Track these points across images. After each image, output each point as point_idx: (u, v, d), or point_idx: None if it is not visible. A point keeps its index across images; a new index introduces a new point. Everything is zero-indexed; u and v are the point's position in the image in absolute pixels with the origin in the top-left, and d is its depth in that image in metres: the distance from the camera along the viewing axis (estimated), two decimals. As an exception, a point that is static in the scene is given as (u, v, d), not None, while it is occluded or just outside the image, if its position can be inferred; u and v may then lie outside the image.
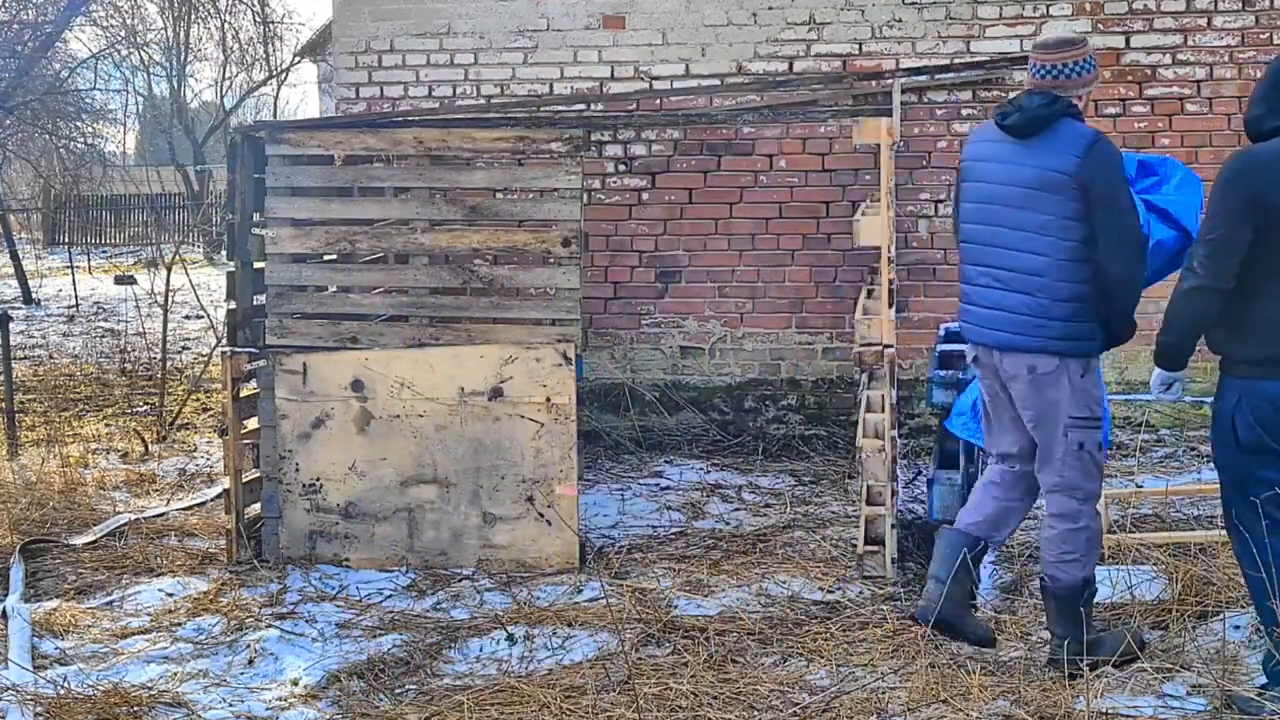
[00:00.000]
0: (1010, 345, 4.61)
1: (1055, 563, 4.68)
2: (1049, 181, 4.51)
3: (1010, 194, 4.59)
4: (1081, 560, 4.66)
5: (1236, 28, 8.22)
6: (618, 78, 8.63)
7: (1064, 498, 4.65)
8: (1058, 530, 4.68)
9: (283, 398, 6.16)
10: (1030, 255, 4.55)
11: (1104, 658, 4.54)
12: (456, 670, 4.99)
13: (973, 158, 4.78)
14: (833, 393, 8.52)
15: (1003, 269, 4.62)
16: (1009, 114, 4.60)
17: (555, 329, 6.25)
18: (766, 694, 4.58)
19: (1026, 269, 4.56)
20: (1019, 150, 4.58)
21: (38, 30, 17.68)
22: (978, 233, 4.72)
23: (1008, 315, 4.61)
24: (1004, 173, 4.61)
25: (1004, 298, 4.62)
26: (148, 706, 4.65)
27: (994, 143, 4.68)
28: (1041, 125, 4.53)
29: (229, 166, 6.64)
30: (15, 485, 7.38)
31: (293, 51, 30.47)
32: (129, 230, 32.19)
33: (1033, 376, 4.58)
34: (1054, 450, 4.62)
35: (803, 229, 8.54)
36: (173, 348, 12.35)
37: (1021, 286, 4.57)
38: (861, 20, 8.44)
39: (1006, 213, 4.60)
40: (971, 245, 4.76)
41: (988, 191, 4.67)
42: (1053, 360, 4.55)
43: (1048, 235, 4.52)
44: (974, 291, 4.74)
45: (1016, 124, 4.57)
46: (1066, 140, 4.50)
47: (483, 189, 6.73)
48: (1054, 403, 4.57)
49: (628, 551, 6.26)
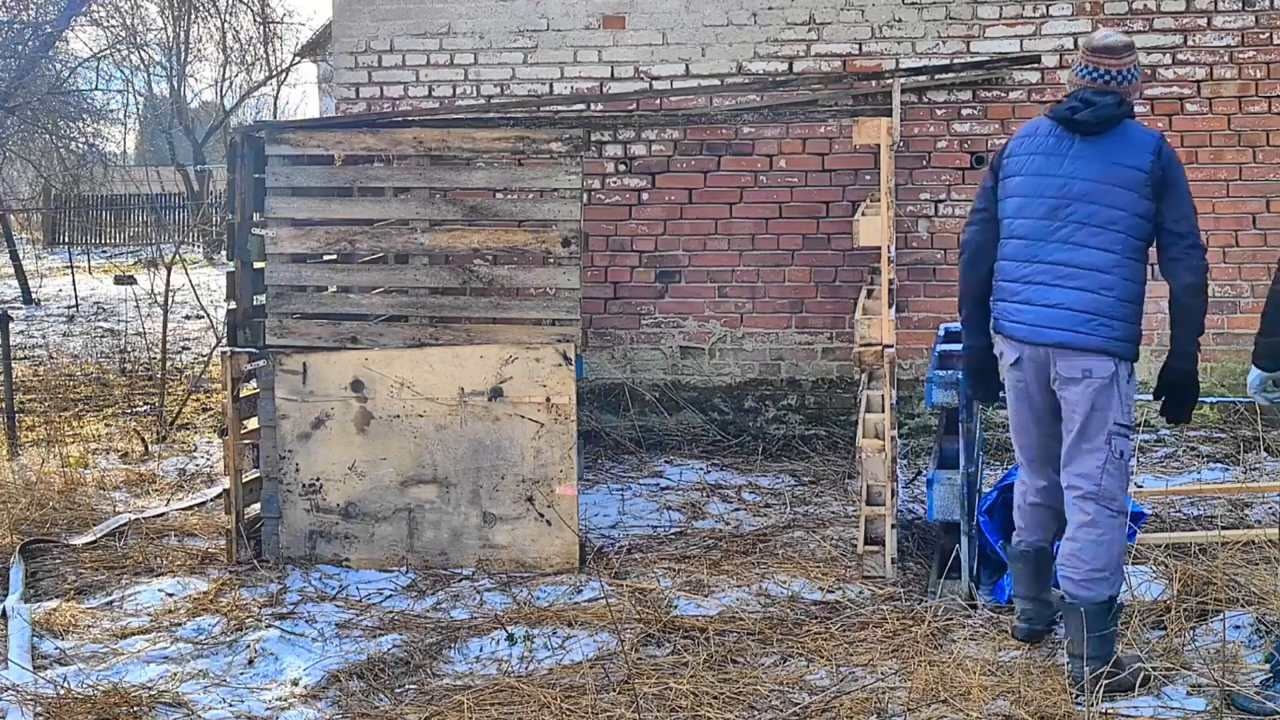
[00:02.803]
0: (1071, 344, 4.47)
1: (1085, 580, 4.51)
2: (1124, 177, 4.46)
3: (1078, 188, 4.50)
4: (1111, 577, 4.53)
5: (1236, 28, 8.22)
6: (618, 78, 8.63)
7: (1099, 507, 4.51)
8: (1088, 542, 4.51)
9: (283, 398, 6.16)
10: (1097, 251, 4.46)
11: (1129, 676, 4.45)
12: (456, 670, 4.99)
13: (1025, 151, 4.65)
14: (833, 393, 8.52)
15: (1066, 265, 4.50)
16: (1078, 109, 4.52)
17: (555, 329, 6.26)
18: (766, 694, 4.58)
19: (1093, 265, 4.46)
20: (1086, 146, 4.52)
21: (38, 30, 17.67)
22: (1034, 228, 4.58)
23: (1069, 313, 4.48)
24: (1070, 167, 4.53)
25: (1068, 295, 4.48)
26: (148, 706, 4.65)
27: (1054, 137, 4.59)
28: (1111, 124, 4.51)
29: (229, 166, 6.64)
30: (15, 485, 7.38)
31: (293, 51, 30.52)
32: (129, 230, 32.23)
33: (1088, 380, 4.47)
34: (1094, 457, 4.51)
35: (803, 229, 8.55)
36: (173, 348, 12.35)
37: (1086, 284, 4.47)
38: (861, 20, 8.44)
39: (1073, 207, 4.50)
40: (1023, 241, 4.60)
41: (1048, 185, 4.56)
42: (1109, 364, 4.46)
43: (1117, 230, 4.46)
44: (1025, 289, 4.58)
45: (1089, 120, 4.50)
46: (1137, 139, 4.50)
47: (483, 189, 6.74)
48: (1104, 409, 4.47)
49: (628, 551, 6.26)
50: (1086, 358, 4.46)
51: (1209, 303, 4.57)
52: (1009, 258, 4.64)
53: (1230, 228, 8.29)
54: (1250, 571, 5.33)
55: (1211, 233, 8.31)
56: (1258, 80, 8.24)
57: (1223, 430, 8.10)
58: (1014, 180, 4.65)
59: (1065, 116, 4.56)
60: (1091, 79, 4.56)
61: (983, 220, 4.77)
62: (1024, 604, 4.88)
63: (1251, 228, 8.30)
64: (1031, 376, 4.61)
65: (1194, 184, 8.24)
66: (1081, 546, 4.51)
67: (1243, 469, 7.32)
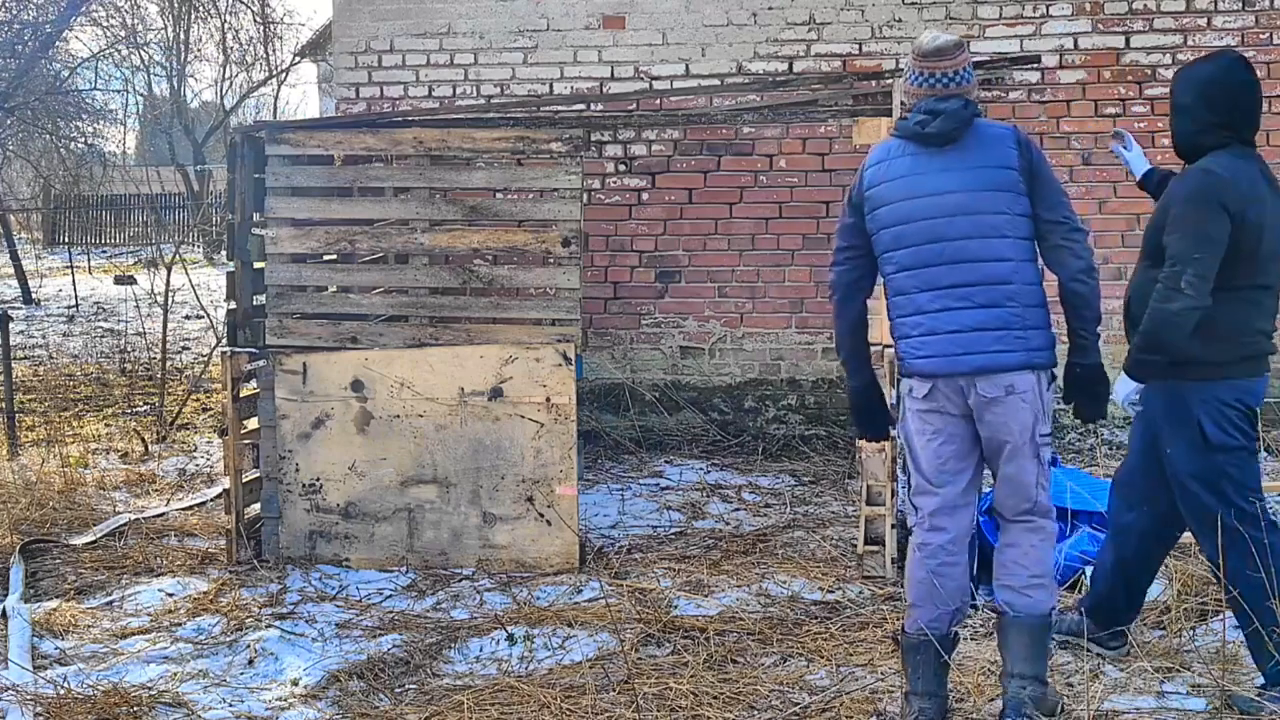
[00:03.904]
0: (992, 366, 4.14)
1: (1026, 587, 4.21)
2: (996, 179, 4.19)
3: (953, 201, 4.18)
4: (1049, 585, 4.25)
5: (1236, 28, 8.23)
6: (618, 78, 8.63)
7: (1040, 520, 4.25)
8: (1028, 547, 4.23)
9: (283, 398, 6.16)
10: (993, 263, 4.16)
11: (1051, 697, 4.24)
12: (456, 670, 4.99)
13: (884, 178, 4.29)
14: (833, 393, 8.52)
15: (966, 285, 4.17)
16: (926, 122, 4.22)
17: (555, 329, 6.26)
18: (766, 694, 4.58)
19: (991, 278, 4.16)
20: (946, 158, 4.22)
21: (38, 30, 17.68)
22: (917, 255, 4.22)
23: (984, 334, 4.15)
24: (937, 181, 4.21)
25: (975, 315, 4.16)
26: (148, 706, 4.65)
27: (909, 156, 4.27)
28: (964, 129, 4.23)
29: (229, 166, 6.64)
30: (15, 485, 7.38)
31: (293, 51, 30.53)
32: (129, 230, 32.25)
33: (1011, 397, 4.14)
34: (1026, 473, 4.20)
35: (803, 229, 8.55)
36: (173, 348, 12.36)
37: (991, 299, 4.15)
38: (861, 20, 8.44)
39: (952, 223, 4.18)
40: (913, 271, 4.23)
41: (919, 207, 4.21)
42: (1030, 377, 4.15)
43: (1005, 236, 4.17)
44: (926, 319, 4.21)
45: (942, 130, 4.21)
46: (994, 137, 4.24)
47: (483, 189, 6.74)
48: (1029, 424, 4.17)
49: (628, 551, 6.26)
50: (1010, 375, 4.14)
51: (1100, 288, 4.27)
52: (900, 291, 4.29)
53: (1230, 228, 8.28)
54: (1250, 571, 5.32)
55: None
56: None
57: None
58: (882, 211, 4.28)
59: (915, 132, 4.24)
60: (929, 85, 4.25)
61: (850, 258, 4.40)
62: (923, 703, 4.25)
63: (1251, 228, 8.29)
64: (949, 404, 4.22)
65: (1194, 184, 8.33)
66: (1022, 552, 4.23)
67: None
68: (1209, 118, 4.40)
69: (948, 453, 4.24)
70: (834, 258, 4.47)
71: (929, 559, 4.25)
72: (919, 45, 4.30)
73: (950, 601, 4.23)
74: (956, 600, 4.25)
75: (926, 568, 4.25)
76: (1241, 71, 4.45)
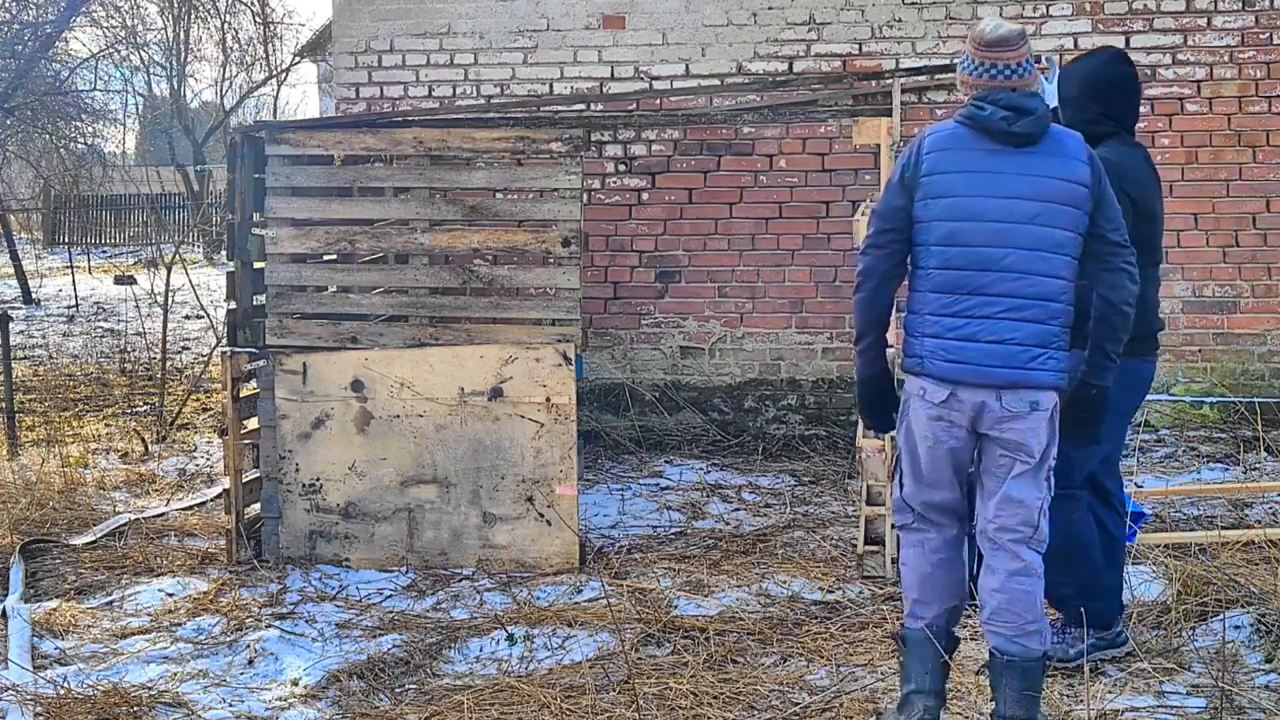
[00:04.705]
0: (1026, 382, 3.98)
1: (1019, 636, 4.02)
2: (1069, 194, 4.00)
3: (1025, 210, 3.98)
4: (1043, 629, 4.07)
5: (1236, 28, 8.23)
6: (618, 78, 8.63)
7: (1033, 553, 4.05)
8: (1019, 593, 4.03)
9: (283, 398, 6.16)
10: (1050, 279, 3.99)
11: None
12: (456, 670, 4.99)
13: (951, 168, 4.05)
14: (833, 393, 8.52)
15: (1020, 297, 3.99)
16: (1012, 119, 3.99)
17: (555, 329, 6.26)
18: (766, 694, 4.58)
19: (1045, 295, 3.98)
20: (1024, 161, 4.01)
21: (38, 30, 17.69)
22: (977, 256, 4.01)
23: (1019, 349, 3.98)
24: (1013, 186, 4.00)
25: (1021, 330, 3.98)
26: (148, 706, 4.65)
27: (980, 151, 4.05)
28: (1045, 131, 4.03)
29: (229, 166, 6.64)
30: (15, 485, 7.38)
31: (293, 51, 30.54)
32: (129, 230, 32.26)
33: (1036, 413, 3.99)
34: (1034, 497, 4.04)
35: (803, 229, 8.55)
36: (173, 348, 12.36)
37: (1038, 316, 3.98)
38: (861, 20, 8.44)
39: (1022, 232, 3.98)
40: (965, 272, 4.02)
41: (990, 207, 4.00)
42: (1054, 397, 4.03)
43: (1065, 254, 4.00)
44: (968, 325, 4.02)
45: (1030, 131, 4.00)
46: (1071, 148, 4.05)
47: (482, 189, 6.74)
48: (1048, 442, 4.04)
49: (628, 551, 6.26)
50: (1036, 392, 4.00)
51: None
52: (940, 289, 4.05)
53: (1230, 228, 8.30)
54: (1250, 571, 5.33)
55: (1211, 233, 8.33)
56: (1258, 80, 8.25)
57: (1223, 430, 8.10)
58: (942, 202, 4.04)
59: (1000, 128, 4.01)
60: (991, 77, 4.03)
61: (891, 242, 4.15)
62: (925, 700, 4.12)
63: (1251, 228, 8.30)
64: (959, 415, 4.05)
65: (1194, 184, 8.39)
66: (1012, 599, 4.03)
67: (1243, 469, 7.32)
68: (1096, 109, 4.64)
69: (948, 461, 4.12)
70: (871, 240, 4.19)
71: (933, 554, 4.18)
72: (980, 33, 4.08)
73: (950, 598, 4.18)
74: (956, 596, 4.19)
75: (930, 561, 4.18)
76: (1122, 64, 4.72)
